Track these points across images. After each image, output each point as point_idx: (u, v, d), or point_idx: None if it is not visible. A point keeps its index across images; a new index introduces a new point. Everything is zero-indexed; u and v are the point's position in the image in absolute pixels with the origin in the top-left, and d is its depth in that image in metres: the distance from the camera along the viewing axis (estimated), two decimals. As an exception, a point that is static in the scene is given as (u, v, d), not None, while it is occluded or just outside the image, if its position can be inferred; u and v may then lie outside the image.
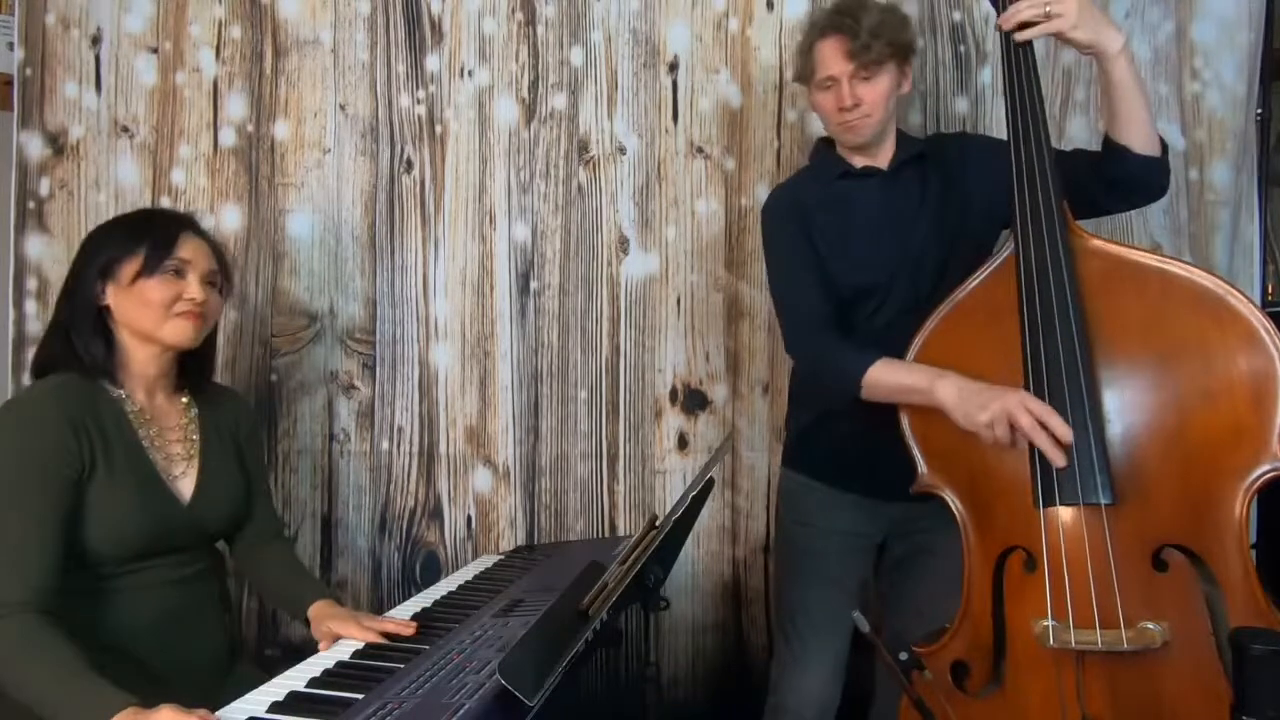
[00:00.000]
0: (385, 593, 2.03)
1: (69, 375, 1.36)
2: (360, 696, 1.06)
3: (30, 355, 1.93)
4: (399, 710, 1.01)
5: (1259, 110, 2.02)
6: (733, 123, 2.04)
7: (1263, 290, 2.09)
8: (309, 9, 2.02)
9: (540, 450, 2.04)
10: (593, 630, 1.08)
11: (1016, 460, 1.33)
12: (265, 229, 2.03)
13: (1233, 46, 1.99)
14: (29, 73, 1.99)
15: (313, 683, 1.14)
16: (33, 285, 1.98)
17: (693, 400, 2.05)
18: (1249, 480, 1.24)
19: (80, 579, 1.27)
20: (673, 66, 2.03)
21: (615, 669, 1.96)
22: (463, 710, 0.99)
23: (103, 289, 1.38)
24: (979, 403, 1.32)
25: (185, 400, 1.48)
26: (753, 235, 2.02)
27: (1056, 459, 1.27)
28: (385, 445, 2.04)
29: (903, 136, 1.68)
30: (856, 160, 1.65)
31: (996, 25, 1.46)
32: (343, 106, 2.03)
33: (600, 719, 1.96)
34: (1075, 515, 1.28)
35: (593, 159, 2.04)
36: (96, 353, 1.37)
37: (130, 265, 1.37)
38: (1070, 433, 1.27)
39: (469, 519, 2.04)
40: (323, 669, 1.19)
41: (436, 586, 1.61)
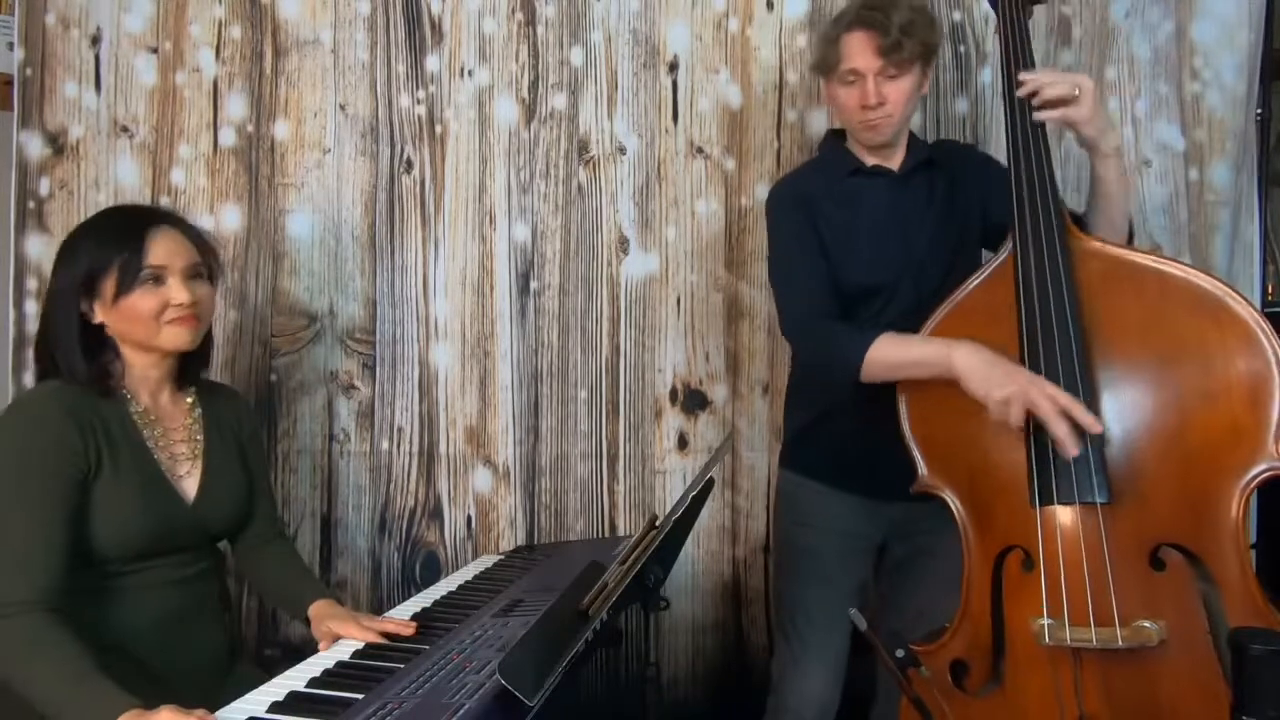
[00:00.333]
0: (385, 593, 2.03)
1: (71, 380, 1.35)
2: (360, 696, 1.06)
3: (30, 355, 1.96)
4: (399, 710, 1.01)
5: (1259, 110, 2.02)
6: (733, 123, 2.04)
7: (1263, 290, 2.09)
8: (309, 9, 2.02)
9: (540, 450, 2.04)
10: (593, 630, 1.08)
11: (1016, 460, 1.33)
12: (265, 229, 2.02)
13: (1233, 46, 1.99)
14: (29, 73, 1.99)
15: (313, 683, 1.14)
16: (33, 285, 1.97)
17: (693, 400, 2.05)
18: (1245, 479, 1.25)
19: (83, 578, 1.27)
20: (673, 66, 2.03)
21: (615, 669, 1.96)
22: (463, 710, 0.99)
23: (90, 307, 1.35)
24: (999, 377, 1.30)
25: (190, 400, 1.48)
26: (752, 235, 2.02)
27: (1070, 449, 1.26)
28: (385, 445, 2.04)
29: (913, 139, 1.68)
30: (869, 159, 1.65)
31: (1019, 91, 1.44)
32: (343, 106, 2.03)
33: (600, 719, 1.96)
34: (1072, 514, 1.28)
35: (593, 159, 2.04)
36: (79, 371, 1.34)
37: (108, 282, 1.33)
38: (1097, 423, 1.26)
39: (469, 519, 2.04)
40: (323, 669, 1.19)
41: (436, 586, 1.61)
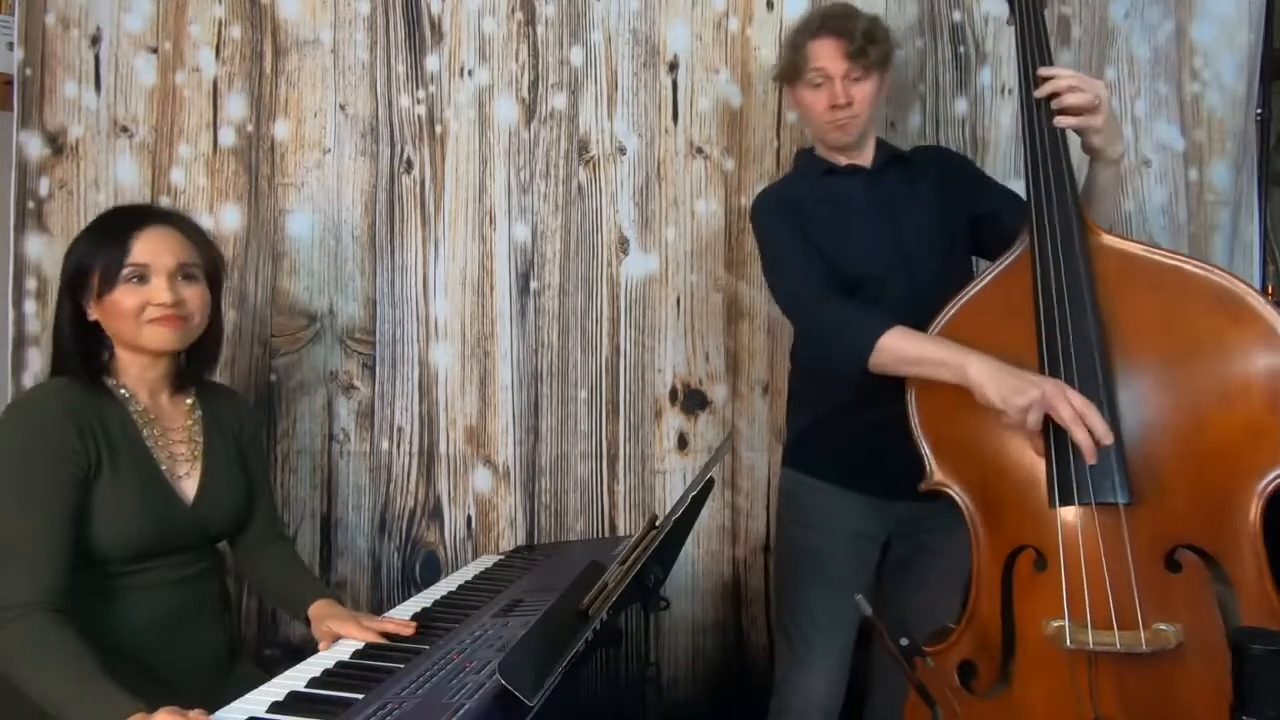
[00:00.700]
0: (385, 593, 2.03)
1: (71, 378, 1.36)
2: (360, 696, 1.06)
3: (30, 355, 1.97)
4: (399, 710, 1.01)
5: (1259, 110, 2.02)
6: (733, 123, 2.04)
7: (1262, 290, 2.08)
8: (309, 9, 2.02)
9: (540, 450, 2.04)
10: (593, 630, 1.08)
11: (1030, 459, 1.33)
12: (265, 229, 2.02)
13: (1233, 46, 1.98)
14: (29, 73, 1.99)
15: (313, 683, 1.14)
16: (32, 285, 1.97)
17: (693, 400, 2.04)
18: (1265, 481, 1.24)
19: (83, 579, 1.27)
20: (673, 66, 2.03)
21: (615, 669, 1.95)
22: (463, 710, 0.99)
23: (85, 304, 1.37)
24: (1017, 385, 1.30)
25: (190, 401, 1.48)
26: (752, 235, 2.01)
27: (1090, 455, 1.25)
28: (385, 445, 2.04)
29: (881, 142, 1.73)
30: (840, 160, 1.69)
31: (1038, 91, 1.44)
32: (343, 106, 2.03)
33: (600, 719, 1.96)
34: (1091, 515, 1.27)
35: (593, 159, 2.04)
36: (73, 365, 1.36)
37: (95, 279, 1.35)
38: (1109, 433, 1.25)
39: (469, 519, 2.04)
40: (323, 669, 1.19)
41: (436, 586, 1.62)
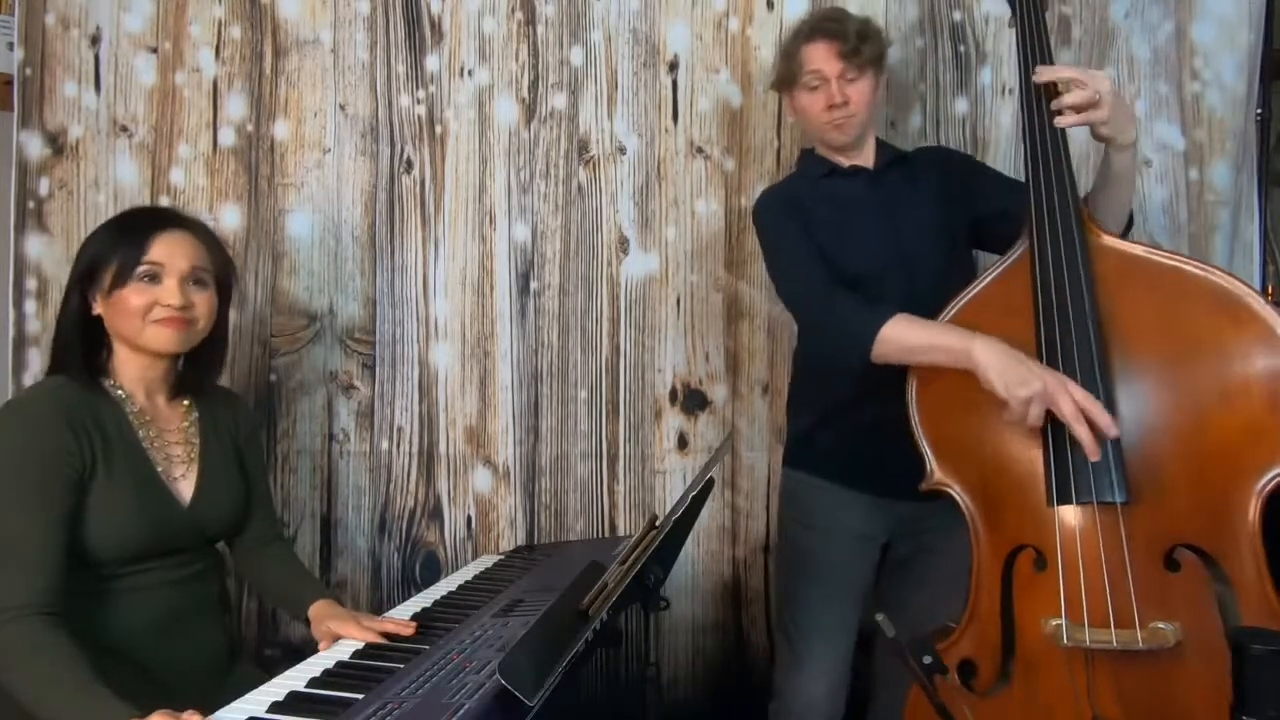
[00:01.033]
0: (385, 593, 2.03)
1: (68, 376, 1.36)
2: (360, 696, 1.06)
3: (30, 355, 1.97)
4: (399, 710, 1.01)
5: (1259, 110, 2.02)
6: (733, 122, 2.04)
7: (1262, 290, 2.08)
8: (309, 9, 2.02)
9: (540, 450, 2.04)
10: (593, 630, 1.08)
11: (1030, 458, 1.33)
12: (265, 229, 2.02)
13: (1233, 46, 1.98)
14: (29, 73, 1.99)
15: (313, 683, 1.14)
16: (32, 285, 1.97)
17: (693, 400, 2.04)
18: (1264, 480, 1.24)
19: (79, 580, 1.27)
20: (673, 66, 2.03)
21: (615, 669, 1.96)
22: (463, 710, 0.99)
23: (92, 298, 1.38)
24: (1021, 375, 1.29)
25: (186, 404, 1.48)
26: (752, 235, 2.00)
27: (1093, 452, 1.25)
28: (385, 445, 2.04)
29: (882, 143, 1.73)
30: (842, 161, 1.70)
31: (1036, 77, 1.44)
32: (343, 106, 2.03)
33: (600, 719, 1.96)
34: (1089, 514, 1.27)
35: (593, 159, 2.04)
36: (73, 359, 1.37)
37: (108, 274, 1.35)
38: (1114, 425, 1.25)
39: (469, 519, 2.04)
40: (323, 669, 1.19)
41: (436, 586, 1.61)
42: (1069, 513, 1.29)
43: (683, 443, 2.05)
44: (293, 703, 1.08)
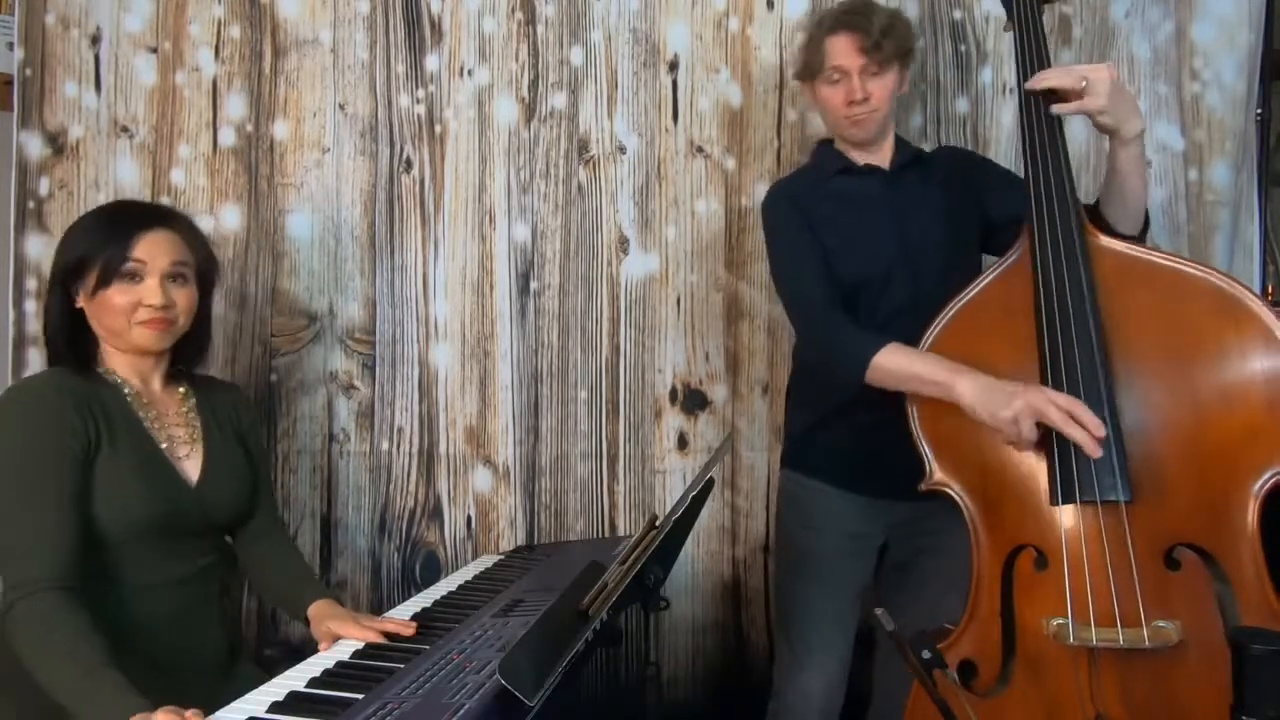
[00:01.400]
0: (385, 593, 2.03)
1: (65, 366, 1.38)
2: (360, 696, 1.06)
3: (30, 355, 1.97)
4: (399, 710, 1.01)
5: (1259, 110, 2.02)
6: (733, 122, 2.04)
7: (1262, 290, 2.09)
8: (308, 9, 2.02)
9: (540, 450, 2.04)
10: (593, 630, 1.08)
11: (1029, 458, 1.33)
12: (265, 229, 2.02)
13: (1233, 46, 1.98)
14: (29, 73, 1.99)
15: (313, 683, 1.14)
16: (32, 285, 1.97)
17: (693, 400, 2.04)
18: (1261, 480, 1.25)
19: (89, 568, 1.27)
20: (673, 66, 2.03)
21: (615, 669, 1.96)
22: (463, 710, 0.99)
23: (75, 293, 1.39)
24: (1000, 399, 1.31)
25: (183, 390, 1.49)
26: (752, 235, 2.02)
27: (1093, 450, 1.25)
28: (385, 445, 2.03)
29: (901, 140, 1.71)
30: (858, 158, 1.68)
31: (1026, 89, 1.45)
32: (342, 106, 2.03)
33: (600, 719, 1.96)
34: (1092, 513, 1.28)
35: (593, 159, 2.04)
36: (61, 349, 1.38)
37: (93, 274, 1.36)
38: (1101, 424, 1.26)
39: (469, 519, 2.04)
40: (323, 669, 1.19)
41: (436, 586, 1.61)
42: (1071, 512, 1.29)
43: (683, 443, 2.05)
44: (293, 703, 1.08)
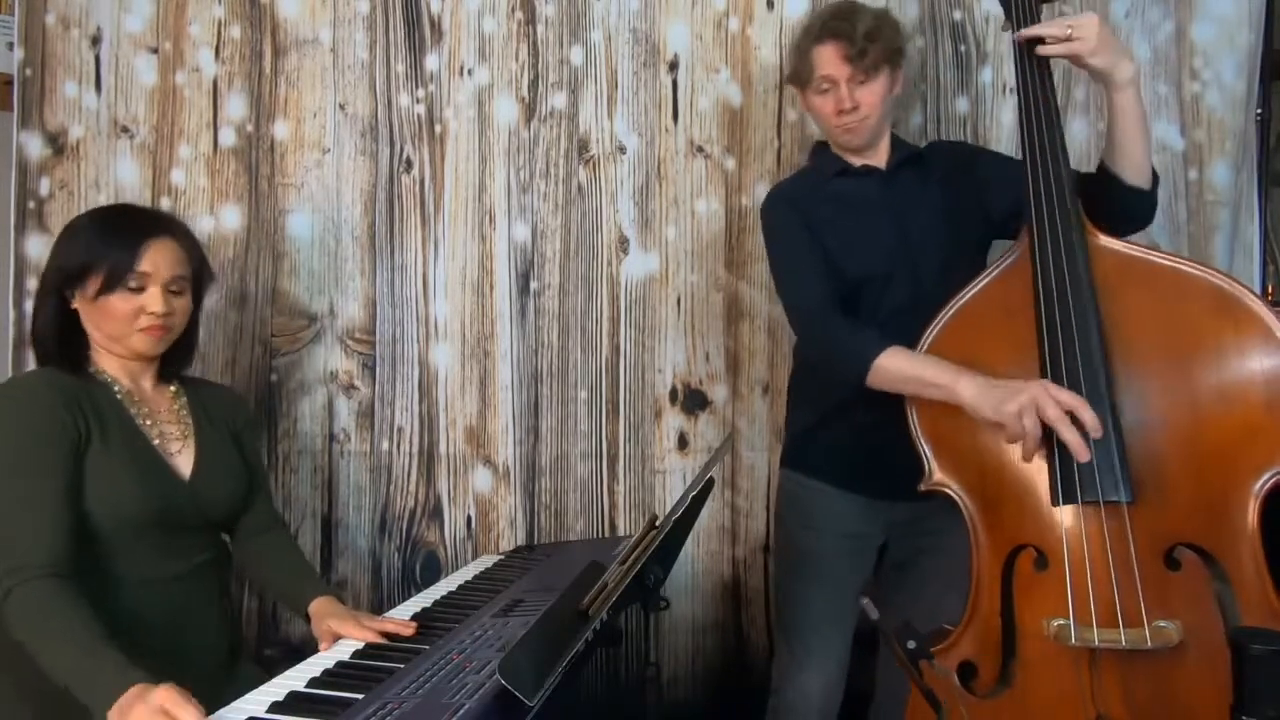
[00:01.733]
0: (385, 593, 2.03)
1: (55, 365, 1.40)
2: (360, 696, 1.06)
3: (30, 355, 1.96)
4: (399, 710, 1.01)
5: (1259, 110, 2.02)
6: (733, 122, 2.04)
7: (1262, 291, 2.09)
8: (308, 8, 2.02)
9: (540, 450, 2.04)
10: (593, 630, 1.08)
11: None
12: (265, 229, 2.02)
13: (1233, 46, 1.98)
14: (29, 73, 1.99)
15: (313, 683, 1.14)
16: (33, 285, 1.97)
17: (693, 400, 2.04)
18: (1261, 481, 1.25)
19: (87, 563, 1.27)
20: (673, 66, 2.03)
21: (615, 669, 1.96)
22: (463, 710, 0.99)
23: (71, 293, 1.39)
24: (1004, 394, 1.30)
25: (173, 389, 1.50)
26: (753, 235, 2.01)
27: (1080, 454, 1.25)
28: (385, 445, 2.04)
29: (897, 139, 1.71)
30: (854, 160, 1.68)
31: (1014, 39, 1.45)
32: (342, 106, 2.03)
33: (600, 719, 1.96)
34: (1093, 513, 1.27)
35: (593, 158, 2.04)
36: (50, 348, 1.40)
37: (94, 279, 1.36)
38: (1100, 424, 1.25)
39: (469, 519, 2.04)
40: (323, 669, 1.19)
41: (436, 586, 1.61)
42: (1072, 512, 1.29)
43: (683, 443, 2.05)
44: (293, 703, 1.08)
